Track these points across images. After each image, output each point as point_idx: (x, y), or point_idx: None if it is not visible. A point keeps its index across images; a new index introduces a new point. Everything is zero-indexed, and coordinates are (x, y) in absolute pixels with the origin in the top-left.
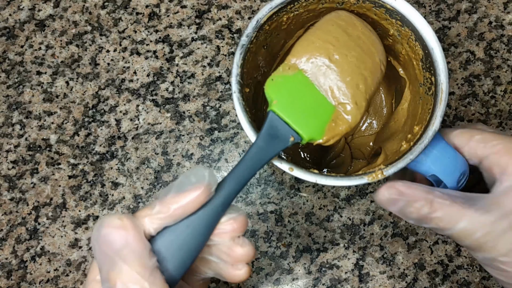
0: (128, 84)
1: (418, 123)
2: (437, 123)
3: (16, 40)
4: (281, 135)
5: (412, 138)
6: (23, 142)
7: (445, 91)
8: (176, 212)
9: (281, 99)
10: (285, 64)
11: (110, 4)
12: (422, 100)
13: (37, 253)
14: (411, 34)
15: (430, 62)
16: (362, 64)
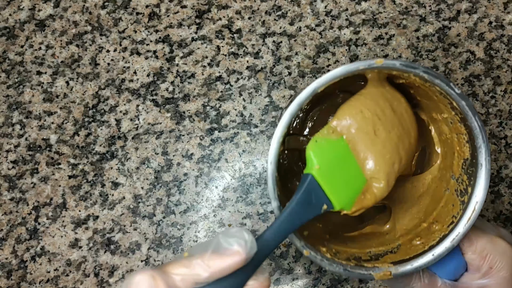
0: (128, 84)
1: (438, 220)
2: (458, 239)
3: (16, 40)
4: (315, 202)
5: (427, 236)
6: (23, 142)
7: (476, 211)
8: (213, 274)
9: (322, 164)
10: (329, 127)
11: (110, 4)
12: (448, 194)
13: (37, 253)
14: (465, 134)
15: (472, 172)
16: (401, 144)
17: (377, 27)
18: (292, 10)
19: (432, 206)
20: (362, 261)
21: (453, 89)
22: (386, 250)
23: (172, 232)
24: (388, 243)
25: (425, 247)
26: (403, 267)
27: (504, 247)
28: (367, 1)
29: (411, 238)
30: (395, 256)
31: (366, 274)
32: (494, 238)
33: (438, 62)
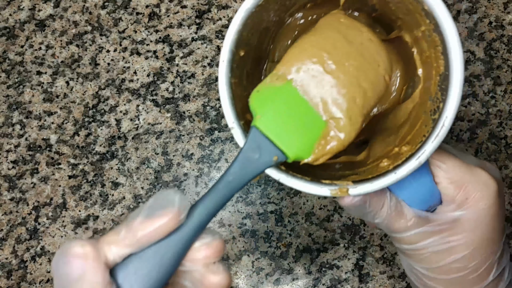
0: (128, 84)
1: (409, 142)
2: (424, 157)
3: (16, 40)
4: (264, 154)
5: (395, 158)
6: (23, 142)
7: (446, 127)
8: (142, 239)
9: (266, 113)
10: (274, 74)
11: (110, 4)
12: (424, 116)
13: (37, 253)
14: (440, 44)
15: (445, 86)
16: (362, 75)
17: None
18: None
19: (409, 131)
20: (322, 178)
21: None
22: (352, 173)
23: None
24: (356, 168)
25: (390, 167)
26: (362, 186)
27: (485, 177)
28: None
29: (379, 162)
30: (358, 177)
31: (321, 189)
32: (474, 169)
33: None
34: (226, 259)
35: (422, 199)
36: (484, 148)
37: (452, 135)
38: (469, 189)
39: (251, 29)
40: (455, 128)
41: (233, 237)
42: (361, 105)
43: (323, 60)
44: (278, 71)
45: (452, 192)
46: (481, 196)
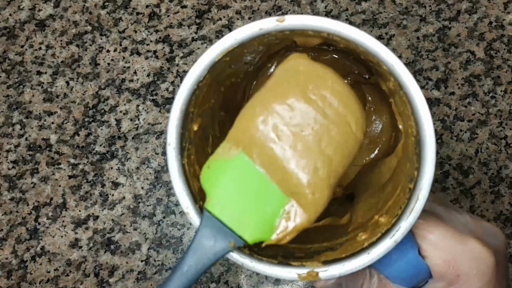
0: (128, 84)
1: (389, 212)
2: (399, 236)
3: (16, 40)
4: (219, 240)
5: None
6: (23, 142)
7: (421, 201)
8: None
9: (218, 194)
10: (225, 144)
11: (110, 4)
12: (404, 180)
13: (37, 253)
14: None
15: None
16: (324, 140)
17: (377, 27)
18: (292, 10)
19: (391, 195)
20: (292, 258)
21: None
22: (328, 247)
23: (172, 232)
24: (336, 238)
25: (365, 244)
26: (332, 268)
27: (478, 249)
28: (367, 1)
29: (357, 233)
30: (332, 254)
31: (289, 274)
32: (465, 238)
33: (438, 62)
34: (226, 259)
35: (408, 276)
36: (484, 148)
37: (452, 136)
38: (460, 264)
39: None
40: (455, 129)
41: None
42: (326, 176)
43: (277, 126)
44: (230, 139)
45: (441, 268)
46: (474, 273)
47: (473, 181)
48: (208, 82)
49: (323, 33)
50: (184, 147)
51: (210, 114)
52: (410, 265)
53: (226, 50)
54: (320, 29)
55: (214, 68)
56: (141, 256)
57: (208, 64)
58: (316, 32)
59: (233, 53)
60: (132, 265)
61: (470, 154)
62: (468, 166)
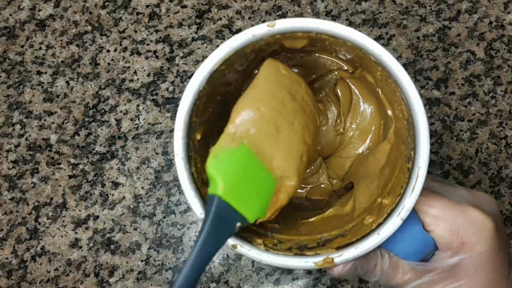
0: (129, 84)
1: (390, 193)
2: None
3: (17, 40)
4: (227, 222)
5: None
6: (23, 142)
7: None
8: None
9: (228, 181)
10: (227, 135)
11: (111, 4)
12: (401, 162)
13: (37, 253)
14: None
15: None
16: (306, 132)
17: (377, 27)
18: (292, 10)
19: (389, 177)
20: (306, 249)
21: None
22: (338, 234)
23: (172, 232)
24: (343, 225)
25: (373, 226)
26: (347, 252)
27: (478, 217)
28: (367, 1)
29: (364, 217)
30: (343, 239)
31: (306, 263)
32: (465, 208)
33: (438, 62)
34: (226, 258)
35: (416, 251)
36: (484, 148)
37: (452, 136)
38: (463, 232)
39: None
40: (455, 128)
41: None
42: (306, 161)
43: (276, 121)
44: (230, 131)
45: (446, 238)
46: (477, 239)
47: (473, 181)
48: (207, 91)
49: (312, 33)
50: (191, 156)
51: (210, 123)
52: (417, 240)
53: (222, 59)
54: (309, 29)
55: (212, 77)
56: (141, 256)
57: (207, 74)
58: (305, 33)
59: (229, 61)
60: (132, 265)
61: (470, 154)
62: (468, 166)
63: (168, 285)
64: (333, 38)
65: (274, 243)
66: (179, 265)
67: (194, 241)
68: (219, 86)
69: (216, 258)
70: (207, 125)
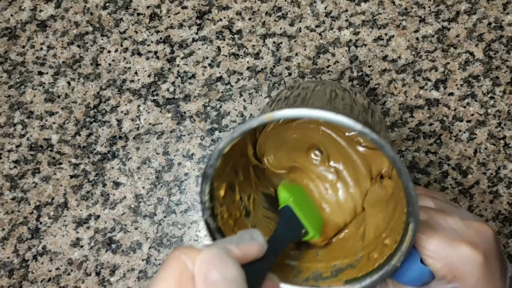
0: (129, 84)
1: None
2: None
3: (18, 40)
4: (294, 227)
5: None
6: (24, 142)
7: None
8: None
9: (295, 197)
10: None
11: (111, 5)
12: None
13: (39, 252)
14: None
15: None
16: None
17: (377, 28)
18: (292, 11)
19: (393, 214)
20: (321, 279)
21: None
22: (349, 264)
23: (173, 231)
24: (355, 253)
25: (375, 265)
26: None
27: (468, 252)
28: (367, 2)
29: (371, 251)
30: (352, 272)
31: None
32: (455, 244)
33: (437, 63)
34: None
35: (415, 279)
36: (483, 148)
37: (450, 136)
38: (455, 267)
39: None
40: (454, 129)
41: None
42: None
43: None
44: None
45: (441, 272)
46: (467, 272)
47: (472, 181)
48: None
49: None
50: (217, 213)
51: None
52: (416, 272)
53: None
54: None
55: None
56: (142, 255)
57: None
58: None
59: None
60: (133, 264)
61: (469, 154)
62: (467, 166)
63: None
64: None
65: (294, 274)
66: None
67: (195, 240)
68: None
69: None
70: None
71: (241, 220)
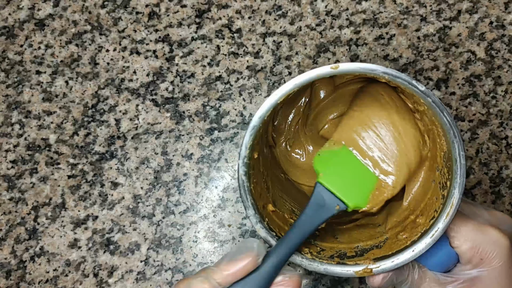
0: (128, 83)
1: (423, 213)
2: (437, 235)
3: (16, 39)
4: (327, 204)
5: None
6: (22, 141)
7: (454, 206)
8: (227, 278)
9: (327, 171)
10: (331, 141)
11: (110, 4)
12: (434, 185)
13: (36, 253)
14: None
15: (450, 165)
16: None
17: (378, 27)
18: (293, 10)
19: (421, 197)
20: (346, 258)
21: (416, 86)
22: (373, 245)
23: (171, 232)
24: (377, 237)
25: (407, 243)
26: (383, 264)
27: (495, 236)
28: (368, 1)
29: (397, 232)
30: (379, 251)
31: (347, 272)
32: (484, 227)
33: (438, 62)
34: None
35: (441, 263)
36: (485, 148)
37: None
38: (482, 250)
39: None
40: None
41: (233, 237)
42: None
43: (371, 127)
44: (334, 138)
45: (468, 255)
46: (494, 255)
47: (474, 182)
48: (267, 120)
49: (370, 75)
50: (251, 174)
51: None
52: (443, 254)
53: (287, 93)
54: (369, 72)
55: (273, 109)
56: (141, 256)
57: (273, 104)
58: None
59: (288, 95)
60: (132, 265)
61: (471, 155)
62: (468, 167)
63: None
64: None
65: (318, 251)
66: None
67: (194, 241)
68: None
69: (216, 259)
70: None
71: (264, 194)
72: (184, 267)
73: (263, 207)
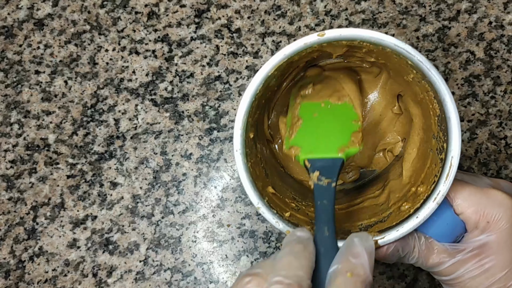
0: (127, 83)
1: (424, 182)
2: (440, 198)
3: (15, 39)
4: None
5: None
6: (21, 141)
7: (454, 167)
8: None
9: (302, 144)
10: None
11: (109, 3)
12: (432, 154)
13: (35, 253)
14: (431, 90)
15: (445, 127)
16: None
17: (377, 27)
18: (292, 10)
19: (421, 169)
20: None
21: (402, 47)
22: (377, 221)
23: (170, 232)
24: (381, 213)
25: (411, 211)
26: (388, 234)
27: (500, 197)
28: (367, 1)
29: (400, 205)
30: (383, 224)
31: None
32: (488, 191)
33: (438, 62)
34: (225, 259)
35: (448, 232)
36: (484, 148)
37: None
38: (487, 212)
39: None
40: None
41: (232, 237)
42: None
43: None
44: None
45: (473, 219)
46: (500, 217)
47: None
48: (260, 94)
49: (355, 41)
50: (247, 152)
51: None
52: (449, 223)
53: (277, 65)
54: (354, 38)
55: (266, 81)
56: (140, 256)
57: (263, 77)
58: (349, 41)
59: (280, 67)
60: (131, 265)
61: (470, 155)
62: (468, 167)
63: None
64: (372, 45)
65: None
66: None
67: (193, 241)
68: (267, 91)
69: (215, 259)
70: (255, 127)
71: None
72: (183, 267)
73: (262, 188)
